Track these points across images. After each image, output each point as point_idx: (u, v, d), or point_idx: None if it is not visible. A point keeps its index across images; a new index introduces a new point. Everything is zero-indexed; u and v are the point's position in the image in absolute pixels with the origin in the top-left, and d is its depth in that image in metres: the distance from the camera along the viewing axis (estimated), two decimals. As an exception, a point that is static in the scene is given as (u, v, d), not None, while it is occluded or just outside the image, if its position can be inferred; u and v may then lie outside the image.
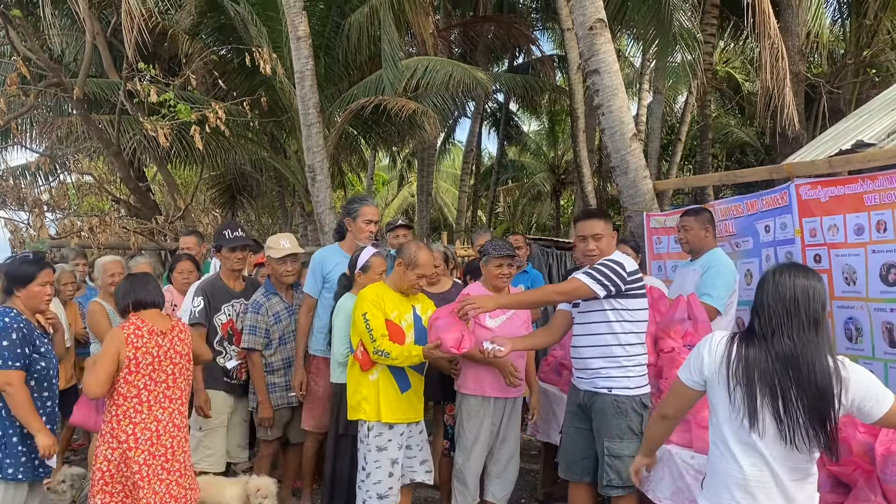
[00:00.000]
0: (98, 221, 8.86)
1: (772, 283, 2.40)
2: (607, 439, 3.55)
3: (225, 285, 4.79)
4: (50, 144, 10.60)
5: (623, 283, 3.52)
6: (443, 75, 9.87)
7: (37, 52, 8.81)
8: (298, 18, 7.99)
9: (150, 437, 3.44)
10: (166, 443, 3.50)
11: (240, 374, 4.75)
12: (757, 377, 2.34)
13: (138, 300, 3.55)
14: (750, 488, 2.36)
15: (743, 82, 18.83)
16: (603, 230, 3.72)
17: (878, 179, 4.23)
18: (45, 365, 3.56)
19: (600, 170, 17.22)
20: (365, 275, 4.25)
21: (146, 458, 3.42)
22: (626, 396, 3.55)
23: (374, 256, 4.29)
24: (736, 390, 2.38)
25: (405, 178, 30.37)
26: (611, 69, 6.39)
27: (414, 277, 3.91)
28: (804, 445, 2.29)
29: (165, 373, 3.52)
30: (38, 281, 3.59)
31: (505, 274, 4.25)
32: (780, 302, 2.36)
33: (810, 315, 2.34)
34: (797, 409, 2.28)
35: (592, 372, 3.65)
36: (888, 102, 6.08)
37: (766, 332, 2.37)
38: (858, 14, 11.60)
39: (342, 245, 4.78)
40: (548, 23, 17.93)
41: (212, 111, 7.88)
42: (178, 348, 3.59)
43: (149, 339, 3.46)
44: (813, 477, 2.42)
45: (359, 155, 16.43)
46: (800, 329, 2.33)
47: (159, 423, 3.48)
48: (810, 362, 2.29)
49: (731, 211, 5.38)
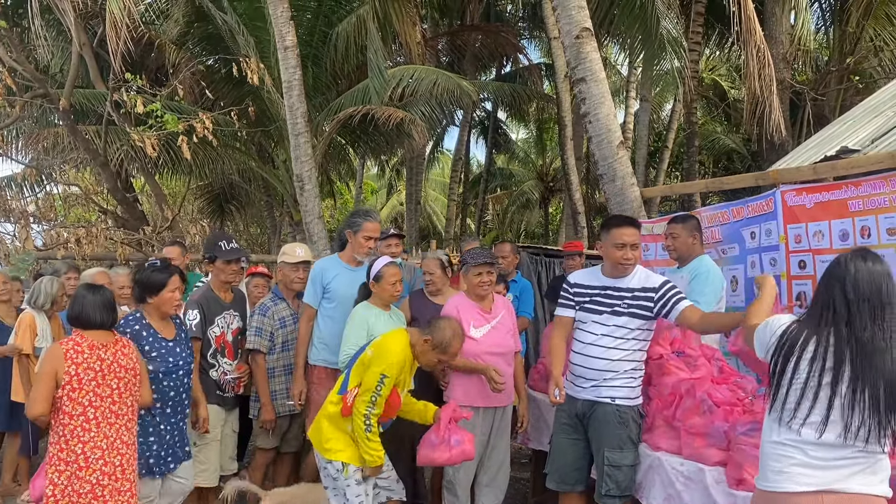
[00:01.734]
0: (85, 232, 8.80)
1: (854, 273, 2.34)
2: (608, 449, 3.53)
3: (217, 297, 4.77)
4: (36, 155, 10.55)
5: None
6: (428, 83, 9.91)
7: (23, 63, 8.77)
8: (286, 28, 8.00)
9: (101, 456, 3.35)
10: (115, 461, 3.40)
11: (237, 387, 4.72)
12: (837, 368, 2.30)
13: (80, 318, 3.48)
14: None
15: (729, 89, 18.99)
16: (638, 239, 3.66)
17: (861, 185, 4.27)
18: (153, 368, 3.76)
19: (588, 177, 17.30)
20: (378, 284, 4.24)
21: (98, 477, 3.32)
22: (627, 406, 3.57)
23: (387, 266, 4.26)
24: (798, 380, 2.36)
25: (394, 187, 30.41)
26: (597, 77, 6.43)
27: (436, 360, 3.78)
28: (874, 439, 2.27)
29: (110, 387, 3.41)
30: (169, 288, 3.85)
31: (485, 282, 4.24)
32: (864, 292, 2.32)
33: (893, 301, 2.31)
34: (878, 400, 2.25)
35: (596, 382, 3.63)
36: (872, 109, 6.13)
37: (855, 325, 2.31)
38: (841, 21, 11.73)
39: (342, 256, 4.73)
40: (535, 31, 18.04)
41: (199, 121, 7.86)
42: (122, 362, 3.47)
43: (90, 354, 3.37)
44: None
45: (347, 164, 16.43)
46: (890, 318, 2.29)
47: (108, 440, 3.39)
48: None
49: (718, 218, 5.41)
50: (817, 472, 2.35)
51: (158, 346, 3.86)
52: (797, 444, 2.38)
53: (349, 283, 4.55)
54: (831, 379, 2.30)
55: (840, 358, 2.30)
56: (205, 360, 4.59)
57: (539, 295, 7.62)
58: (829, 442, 2.32)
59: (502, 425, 4.35)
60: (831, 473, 2.34)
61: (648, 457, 3.54)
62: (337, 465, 3.62)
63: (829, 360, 2.32)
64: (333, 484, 3.67)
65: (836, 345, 2.32)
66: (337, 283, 4.50)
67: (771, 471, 2.44)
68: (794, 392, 2.37)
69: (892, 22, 11.36)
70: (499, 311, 4.35)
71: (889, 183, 4.11)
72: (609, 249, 3.68)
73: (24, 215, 9.14)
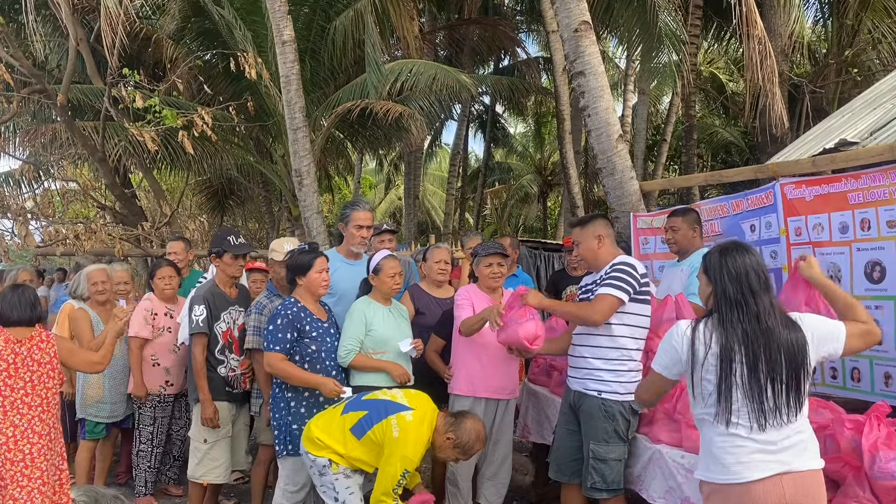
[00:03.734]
0: (83, 229, 8.79)
1: (725, 266, 2.56)
2: (593, 442, 3.55)
3: (223, 293, 4.76)
4: (34, 151, 10.52)
5: (637, 285, 3.55)
6: (427, 78, 9.88)
7: (20, 59, 8.74)
8: (283, 22, 7.97)
9: (5, 442, 3.55)
10: (24, 448, 3.58)
11: (244, 382, 4.73)
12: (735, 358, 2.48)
13: (0, 315, 3.72)
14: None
15: (727, 82, 18.97)
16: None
17: (861, 178, 4.27)
18: (315, 348, 4.00)
19: (587, 171, 17.30)
20: (377, 277, 4.25)
21: (1, 462, 3.52)
22: (613, 401, 3.55)
23: (386, 259, 4.28)
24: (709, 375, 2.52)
25: (392, 182, 30.35)
26: (596, 71, 6.41)
27: (454, 458, 3.68)
28: (786, 414, 2.44)
29: (23, 380, 3.63)
30: (316, 268, 4.06)
31: (497, 273, 4.29)
32: (737, 281, 2.52)
33: (762, 285, 2.52)
34: (781, 376, 2.43)
35: (586, 373, 3.66)
36: (870, 101, 6.13)
37: (735, 314, 2.51)
38: (840, 14, 11.72)
39: (339, 250, 4.80)
40: (533, 25, 17.98)
41: (198, 116, 7.84)
42: (37, 356, 3.69)
43: (4, 347, 3.61)
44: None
45: (346, 159, 16.43)
46: (766, 302, 2.50)
47: (16, 429, 3.58)
48: (781, 328, 2.47)
49: (717, 211, 5.41)
50: (771, 456, 2.46)
51: (316, 326, 4.06)
52: (746, 434, 2.49)
53: (349, 278, 4.56)
54: (747, 368, 2.47)
55: (748, 346, 2.47)
56: (213, 356, 4.60)
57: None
58: (769, 426, 2.46)
59: (505, 419, 4.36)
60: (783, 455, 2.46)
61: (649, 449, 3.54)
62: (323, 460, 3.58)
63: (740, 352, 2.48)
64: (321, 480, 3.63)
65: (741, 336, 2.49)
66: (336, 278, 4.49)
67: (726, 463, 2.52)
68: (728, 390, 2.49)
69: (889, 14, 11.35)
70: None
71: (888, 175, 4.10)
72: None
73: (22, 212, 9.12)
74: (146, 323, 5.04)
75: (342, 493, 3.58)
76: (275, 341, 3.95)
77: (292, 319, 3.97)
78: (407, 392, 3.75)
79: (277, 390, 4.09)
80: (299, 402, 4.03)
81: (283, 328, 3.95)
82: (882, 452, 2.76)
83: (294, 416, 4.00)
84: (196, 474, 4.65)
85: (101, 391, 5.21)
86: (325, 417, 3.71)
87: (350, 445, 3.54)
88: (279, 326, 3.96)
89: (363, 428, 3.53)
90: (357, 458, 3.56)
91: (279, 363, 3.93)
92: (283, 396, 4.05)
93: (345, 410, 3.64)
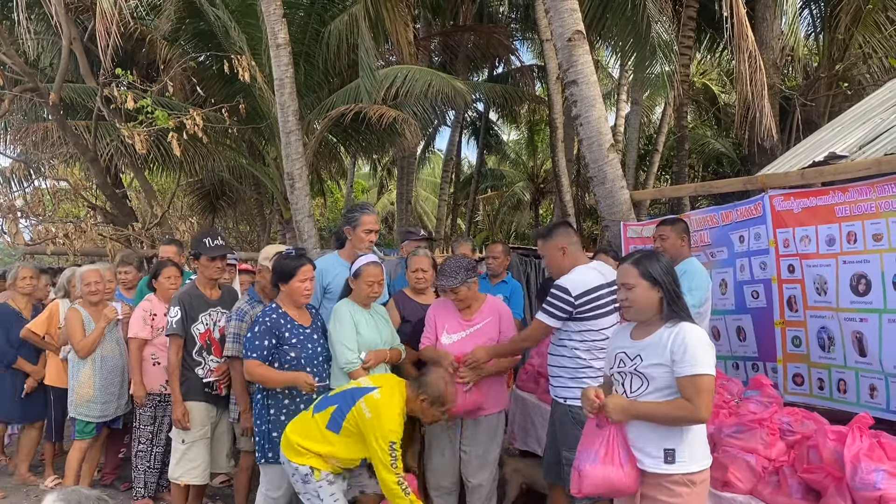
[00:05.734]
0: (74, 228, 8.75)
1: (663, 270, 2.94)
2: (564, 448, 3.63)
3: (202, 294, 4.75)
4: (25, 150, 10.47)
5: (572, 308, 3.57)
6: (422, 84, 9.90)
7: (12, 57, 8.71)
8: (278, 26, 7.97)
9: None
10: None
11: (219, 388, 4.71)
12: None
13: None
14: None
15: (719, 94, 19.09)
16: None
17: (848, 191, 4.31)
18: (294, 355, 3.95)
19: (578, 179, 17.35)
20: (356, 281, 4.16)
21: None
22: (579, 407, 3.55)
23: (368, 265, 4.15)
24: None
25: (385, 186, 30.33)
26: (589, 80, 6.44)
27: (440, 413, 3.69)
28: None
29: None
30: (299, 277, 3.98)
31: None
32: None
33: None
34: None
35: (555, 381, 3.79)
36: (860, 115, 6.18)
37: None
38: (831, 29, 11.80)
39: (342, 254, 4.67)
40: (527, 33, 18.04)
41: (189, 118, 7.82)
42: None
43: None
44: None
45: (338, 162, 16.40)
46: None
47: None
48: None
49: (707, 221, 5.45)
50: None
51: (297, 332, 4.01)
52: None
53: (351, 282, 4.54)
54: None
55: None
56: (190, 357, 4.60)
57: (528, 296, 7.64)
58: None
59: (495, 430, 4.33)
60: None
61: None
62: (305, 468, 3.56)
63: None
64: (305, 488, 3.61)
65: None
66: (338, 282, 4.44)
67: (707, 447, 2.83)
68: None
69: (880, 29, 11.44)
70: (483, 318, 4.24)
71: (876, 189, 4.15)
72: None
73: (12, 210, 9.07)
74: (145, 324, 5.03)
75: (327, 500, 3.56)
76: (252, 348, 3.94)
77: (270, 326, 3.96)
78: (372, 376, 3.87)
79: (259, 396, 4.07)
80: (279, 410, 3.99)
81: (261, 335, 3.95)
82: (864, 463, 2.79)
83: (273, 424, 3.97)
84: (174, 475, 4.65)
85: (92, 390, 5.20)
86: (298, 422, 3.72)
87: (332, 442, 3.55)
88: (257, 334, 3.96)
89: (338, 421, 3.55)
90: (344, 455, 3.57)
91: (256, 369, 3.93)
92: (265, 404, 4.03)
93: (315, 410, 3.66)
